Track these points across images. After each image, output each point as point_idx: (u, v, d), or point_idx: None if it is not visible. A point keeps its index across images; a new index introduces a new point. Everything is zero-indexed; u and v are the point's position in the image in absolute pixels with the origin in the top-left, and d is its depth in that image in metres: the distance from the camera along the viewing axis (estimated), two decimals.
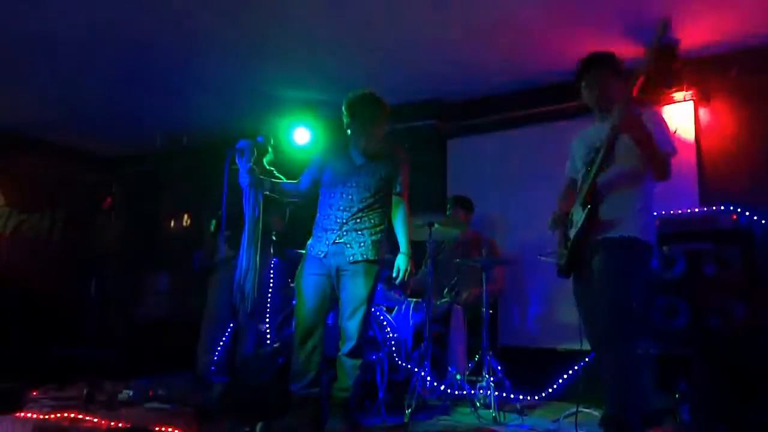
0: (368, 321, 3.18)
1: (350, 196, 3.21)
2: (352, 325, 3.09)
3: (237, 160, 3.15)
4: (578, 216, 2.70)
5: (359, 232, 3.17)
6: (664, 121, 2.73)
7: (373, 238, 3.18)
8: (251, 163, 3.15)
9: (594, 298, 2.61)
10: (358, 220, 3.19)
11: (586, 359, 3.60)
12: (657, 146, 2.54)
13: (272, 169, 3.86)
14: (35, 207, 7.12)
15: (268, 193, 3.28)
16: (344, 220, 3.18)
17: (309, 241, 3.29)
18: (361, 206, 3.20)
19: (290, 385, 3.13)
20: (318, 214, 3.30)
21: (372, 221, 3.20)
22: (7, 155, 6.76)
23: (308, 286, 3.19)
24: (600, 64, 2.74)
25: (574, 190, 2.93)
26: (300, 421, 3.04)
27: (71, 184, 7.45)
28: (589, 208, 2.62)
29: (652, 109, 2.73)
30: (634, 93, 2.51)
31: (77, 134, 6.85)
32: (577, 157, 2.92)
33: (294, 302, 3.34)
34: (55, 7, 4.07)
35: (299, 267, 3.27)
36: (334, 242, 3.17)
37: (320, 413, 3.17)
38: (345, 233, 3.17)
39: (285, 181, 3.54)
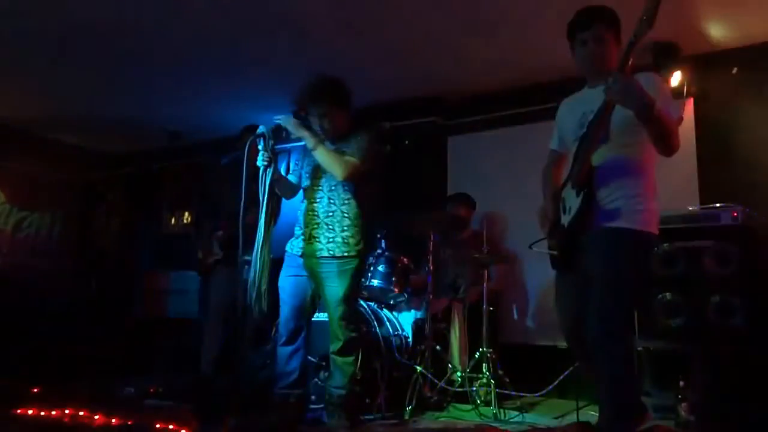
0: (351, 318, 3.07)
1: (320, 188, 3.09)
2: (334, 325, 3.03)
3: (259, 146, 2.91)
4: (572, 201, 2.40)
5: (329, 227, 3.02)
6: (663, 84, 2.37)
7: (345, 233, 3.02)
8: (267, 151, 2.92)
9: (588, 296, 2.32)
10: (330, 214, 3.04)
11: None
12: (662, 115, 2.15)
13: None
14: (36, 205, 7.13)
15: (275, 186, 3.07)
16: (316, 214, 3.06)
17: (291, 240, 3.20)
18: (331, 197, 3.05)
19: (273, 386, 3.10)
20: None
21: (343, 214, 3.04)
22: (7, 153, 6.76)
23: (288, 287, 3.12)
24: (605, 19, 2.37)
25: (558, 165, 2.70)
26: (277, 420, 2.99)
27: (72, 183, 7.45)
28: (585, 193, 2.33)
29: (648, 73, 2.35)
30: (631, 58, 2.17)
31: (78, 132, 6.85)
32: (565, 128, 2.58)
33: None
34: (56, 7, 4.07)
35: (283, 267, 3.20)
36: (307, 239, 3.05)
37: (302, 413, 3.15)
38: (316, 227, 3.04)
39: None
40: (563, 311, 2.55)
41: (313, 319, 3.68)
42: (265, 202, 2.85)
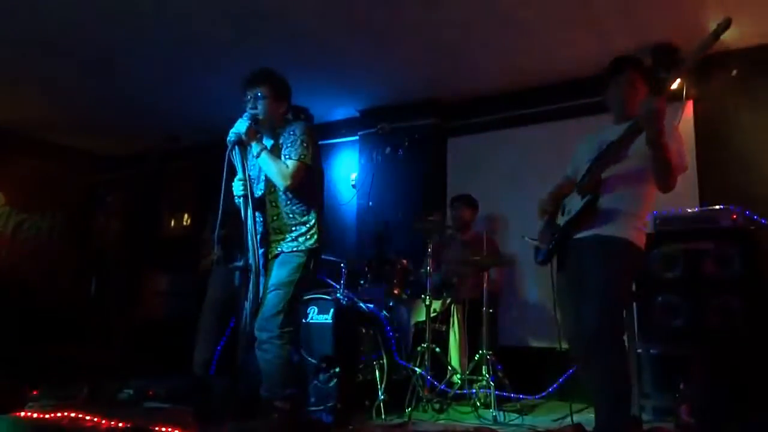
0: (276, 308, 2.71)
1: (264, 193, 2.90)
2: (263, 309, 2.73)
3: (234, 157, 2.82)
4: (574, 205, 2.59)
5: (278, 233, 2.84)
6: (681, 138, 2.59)
7: (294, 233, 2.82)
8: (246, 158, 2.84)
9: (582, 298, 2.47)
10: (276, 218, 2.85)
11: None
12: (669, 155, 2.36)
13: None
14: (36, 207, 7.13)
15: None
16: (266, 221, 2.88)
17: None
18: (272, 201, 2.86)
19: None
20: None
21: (291, 218, 2.84)
22: (8, 155, 6.77)
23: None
24: (634, 66, 2.68)
25: (569, 187, 2.82)
26: (276, 423, 2.87)
27: (72, 184, 7.45)
28: (589, 199, 2.51)
29: (671, 125, 2.54)
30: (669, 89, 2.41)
31: (78, 135, 6.86)
32: (582, 159, 2.75)
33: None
34: (56, 8, 4.07)
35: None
36: (262, 243, 2.85)
37: (301, 416, 3.11)
38: (269, 235, 2.86)
39: None
40: (563, 310, 2.69)
41: (310, 321, 3.69)
42: (251, 211, 2.75)
